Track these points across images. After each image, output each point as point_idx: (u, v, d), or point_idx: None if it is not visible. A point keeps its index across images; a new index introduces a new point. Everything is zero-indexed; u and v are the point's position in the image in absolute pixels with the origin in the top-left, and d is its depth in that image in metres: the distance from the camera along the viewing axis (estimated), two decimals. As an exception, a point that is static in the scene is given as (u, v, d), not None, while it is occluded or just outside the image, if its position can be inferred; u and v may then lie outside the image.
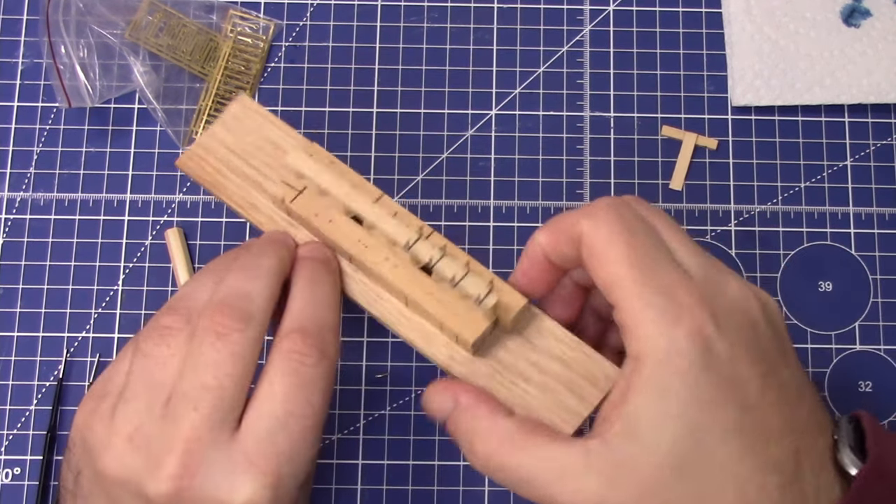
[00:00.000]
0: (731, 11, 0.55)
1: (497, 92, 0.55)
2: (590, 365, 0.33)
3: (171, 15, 0.55)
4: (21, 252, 0.52)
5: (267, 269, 0.34)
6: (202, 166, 0.38)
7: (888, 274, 0.53)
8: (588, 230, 0.32)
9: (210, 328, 0.32)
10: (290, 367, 0.32)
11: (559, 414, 0.32)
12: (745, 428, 0.30)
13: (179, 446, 0.30)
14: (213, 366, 0.31)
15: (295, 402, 0.31)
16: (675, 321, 0.30)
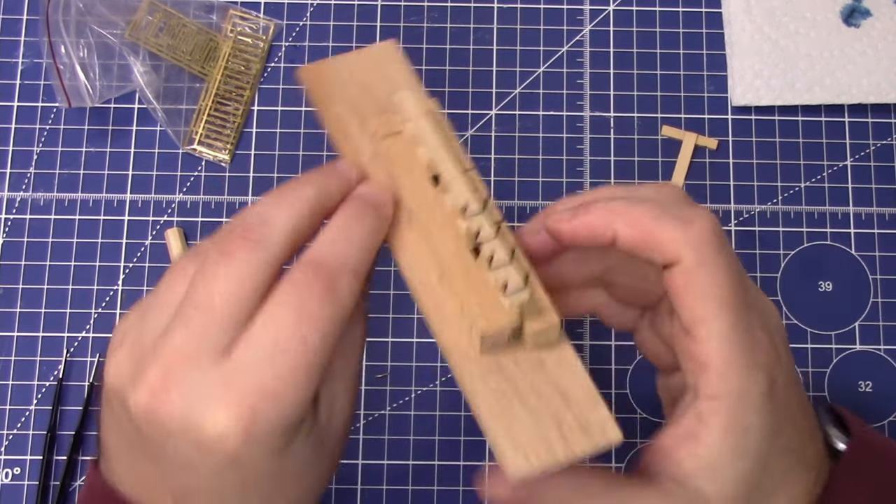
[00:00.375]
0: (731, 11, 0.55)
1: (497, 92, 0.55)
2: (592, 415, 0.29)
3: (171, 15, 0.55)
4: (21, 252, 0.52)
5: (299, 196, 0.32)
6: (321, 80, 0.36)
7: (888, 274, 0.53)
8: (692, 261, 0.30)
9: (220, 248, 0.30)
10: (292, 300, 0.29)
11: (534, 447, 0.29)
12: (794, 443, 0.32)
13: (162, 360, 0.29)
14: (209, 283, 0.30)
15: (288, 337, 0.29)
16: (755, 361, 0.30)
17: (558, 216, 0.32)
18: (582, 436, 0.29)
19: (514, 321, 0.30)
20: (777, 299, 0.52)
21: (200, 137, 0.54)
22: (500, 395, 0.30)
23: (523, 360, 0.31)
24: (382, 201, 0.33)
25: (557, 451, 0.28)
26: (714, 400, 0.30)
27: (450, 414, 0.51)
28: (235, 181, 0.53)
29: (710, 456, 0.30)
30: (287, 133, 0.54)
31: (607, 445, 0.28)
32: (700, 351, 0.30)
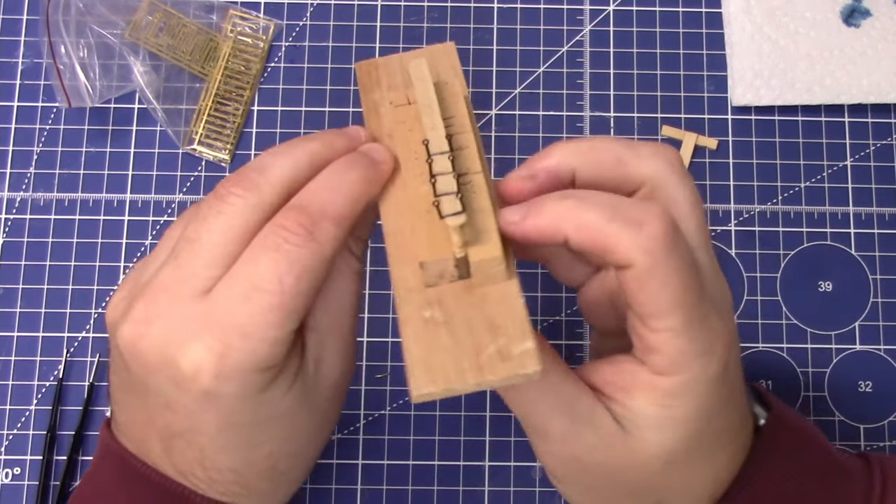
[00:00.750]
0: (731, 11, 0.55)
1: (497, 92, 0.55)
2: (517, 347, 0.29)
3: (171, 15, 0.55)
4: (21, 252, 0.52)
5: (300, 147, 0.32)
6: (370, 72, 0.37)
7: (888, 274, 0.53)
8: (644, 266, 0.29)
9: (215, 193, 0.31)
10: (271, 241, 0.30)
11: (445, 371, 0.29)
12: (732, 424, 0.34)
13: (149, 294, 0.30)
14: (200, 222, 0.31)
15: (263, 276, 0.29)
16: (709, 350, 0.31)
17: (507, 220, 0.31)
18: (499, 363, 0.29)
19: (456, 249, 0.30)
20: (777, 299, 0.52)
21: (200, 137, 0.54)
22: (430, 324, 0.30)
23: (465, 295, 0.31)
24: (380, 157, 0.33)
25: (467, 377, 0.29)
26: (659, 375, 0.31)
27: (450, 414, 0.51)
28: (235, 181, 0.53)
29: (638, 412, 0.31)
30: (287, 133, 0.54)
31: (525, 375, 0.28)
32: (652, 338, 0.31)
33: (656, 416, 0.31)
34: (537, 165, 0.33)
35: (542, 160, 0.33)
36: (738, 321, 0.52)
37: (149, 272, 0.32)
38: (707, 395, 0.31)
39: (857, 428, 0.51)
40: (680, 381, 0.31)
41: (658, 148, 0.33)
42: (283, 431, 0.33)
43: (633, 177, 0.33)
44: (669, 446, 0.32)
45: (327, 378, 0.33)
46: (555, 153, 0.33)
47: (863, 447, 0.51)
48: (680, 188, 0.32)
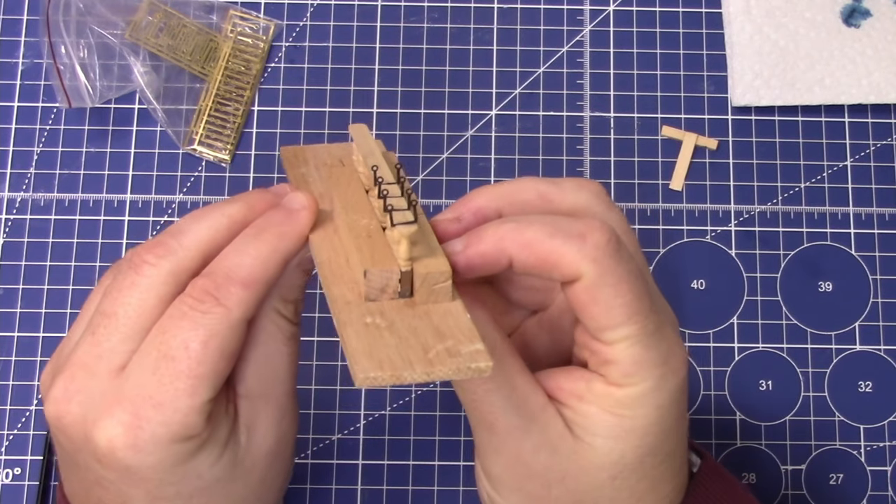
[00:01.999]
0: (731, 11, 0.55)
1: (497, 92, 0.55)
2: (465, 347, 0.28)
3: (171, 15, 0.55)
4: (21, 252, 0.52)
5: (219, 210, 0.32)
6: (297, 154, 0.37)
7: (888, 274, 0.53)
8: (592, 276, 0.29)
9: (130, 260, 0.31)
10: (179, 310, 0.29)
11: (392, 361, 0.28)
12: (678, 451, 0.33)
13: (67, 370, 0.30)
14: (115, 295, 0.30)
15: (171, 345, 0.29)
16: (665, 363, 0.31)
17: (449, 252, 0.31)
18: (448, 358, 0.28)
19: (402, 261, 0.29)
20: (777, 299, 0.52)
21: (200, 138, 0.54)
22: (372, 327, 0.29)
23: (408, 310, 0.30)
24: (298, 204, 0.32)
25: (416, 366, 0.27)
26: (615, 385, 0.31)
27: (450, 414, 0.51)
28: (235, 181, 0.53)
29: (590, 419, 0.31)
30: (287, 133, 0.54)
31: (476, 369, 0.28)
32: (607, 351, 0.30)
33: (609, 423, 0.31)
34: (462, 208, 0.33)
35: (467, 203, 0.33)
36: (738, 321, 0.52)
37: (69, 343, 0.32)
38: (661, 409, 0.31)
39: (857, 428, 0.51)
40: (636, 391, 0.30)
41: (582, 182, 0.33)
42: (216, 501, 0.32)
43: (558, 212, 0.32)
44: (618, 457, 0.31)
45: (261, 447, 0.33)
46: (479, 197, 0.33)
47: (863, 447, 0.51)
48: (609, 216, 0.33)
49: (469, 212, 0.32)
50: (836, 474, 0.51)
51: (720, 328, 0.52)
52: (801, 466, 0.51)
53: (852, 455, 0.51)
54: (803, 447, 0.51)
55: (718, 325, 0.52)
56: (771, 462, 0.51)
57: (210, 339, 0.29)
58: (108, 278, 0.32)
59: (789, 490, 0.51)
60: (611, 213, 0.33)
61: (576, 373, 0.32)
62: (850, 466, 0.51)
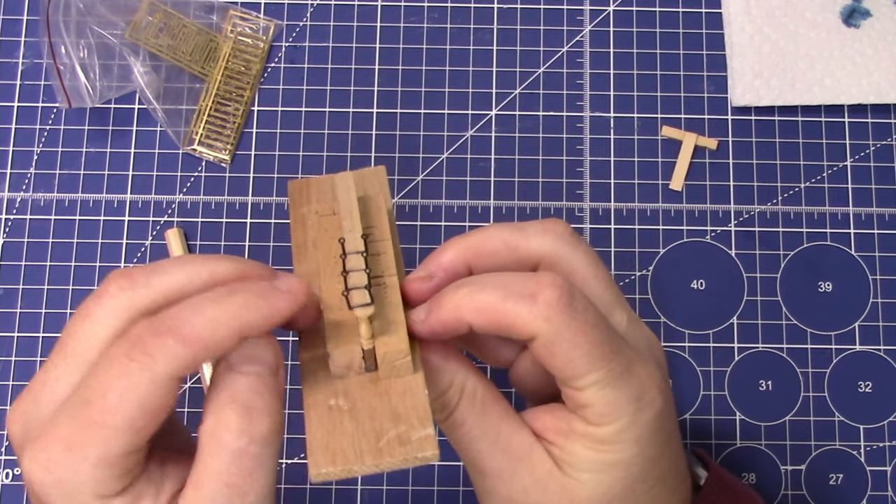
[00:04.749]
0: (731, 12, 0.55)
1: (497, 92, 0.55)
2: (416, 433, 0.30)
3: (171, 15, 0.55)
4: (21, 252, 0.52)
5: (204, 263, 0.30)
6: (301, 189, 0.38)
7: (888, 274, 0.53)
8: (547, 334, 0.30)
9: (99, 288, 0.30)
10: (112, 351, 0.28)
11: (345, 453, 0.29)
12: (669, 474, 0.34)
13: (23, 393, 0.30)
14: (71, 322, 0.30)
15: (92, 390, 0.27)
16: (637, 398, 0.31)
17: (413, 321, 0.32)
18: (398, 447, 0.29)
19: (363, 340, 0.31)
20: (777, 299, 0.52)
21: (200, 138, 0.54)
22: (334, 410, 0.30)
23: (371, 386, 0.31)
24: (286, 287, 0.30)
25: (366, 459, 0.29)
26: (590, 426, 0.31)
27: (450, 414, 0.51)
28: (235, 181, 0.53)
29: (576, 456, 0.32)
30: (287, 133, 0.54)
31: (422, 458, 0.29)
32: (580, 397, 0.31)
33: (593, 459, 0.32)
34: (432, 265, 0.33)
35: (437, 258, 0.34)
36: (738, 321, 0.52)
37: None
38: (640, 440, 0.32)
39: (857, 428, 0.51)
40: (613, 429, 0.31)
41: (545, 224, 0.34)
42: None
43: (526, 258, 0.33)
44: (607, 489, 0.32)
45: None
46: (448, 251, 0.34)
47: (863, 448, 0.51)
48: (575, 256, 0.33)
49: (440, 268, 0.33)
50: (836, 474, 0.51)
51: (720, 328, 0.52)
52: (801, 467, 0.51)
53: (852, 455, 0.51)
54: (803, 447, 0.51)
55: (718, 325, 0.52)
56: (771, 462, 0.51)
57: (129, 391, 0.27)
58: (112, 295, 0.31)
59: (789, 490, 0.51)
60: (575, 254, 0.33)
61: (558, 411, 0.33)
62: (850, 466, 0.51)
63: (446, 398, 0.33)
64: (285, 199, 0.53)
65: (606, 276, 0.34)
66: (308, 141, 0.54)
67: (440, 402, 0.33)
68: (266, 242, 0.53)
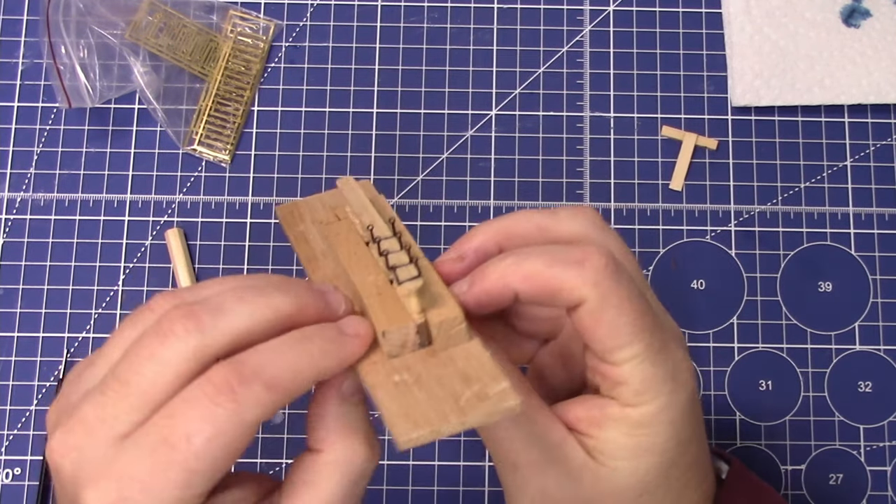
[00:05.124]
0: (731, 12, 0.55)
1: (497, 92, 0.55)
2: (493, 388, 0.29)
3: (171, 15, 0.55)
4: (21, 252, 0.52)
5: (266, 300, 0.30)
6: (292, 212, 0.38)
7: (888, 274, 0.53)
8: (595, 299, 0.30)
9: (159, 324, 0.29)
10: (193, 395, 0.28)
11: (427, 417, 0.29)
12: (699, 460, 0.34)
13: (69, 423, 0.29)
14: (132, 360, 0.29)
15: (174, 431, 0.27)
16: (674, 377, 0.31)
17: (457, 291, 0.32)
18: (478, 403, 0.29)
19: (415, 315, 0.30)
20: (777, 299, 0.52)
21: (200, 138, 0.54)
22: (401, 385, 0.30)
23: (431, 359, 0.31)
24: (352, 331, 0.31)
25: (450, 418, 0.28)
26: (626, 407, 0.31)
27: (450, 414, 0.51)
28: (235, 181, 0.53)
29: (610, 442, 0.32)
30: (287, 133, 0.54)
31: (506, 409, 0.29)
32: (616, 372, 0.31)
33: (628, 446, 0.32)
34: (463, 247, 0.34)
35: (468, 242, 0.34)
36: (738, 321, 0.52)
37: (82, 388, 0.31)
38: (677, 423, 0.32)
39: (857, 428, 0.51)
40: (649, 410, 0.31)
41: (577, 210, 0.34)
42: None
43: (556, 241, 0.33)
44: (642, 476, 0.32)
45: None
46: (479, 234, 0.34)
47: (863, 447, 0.51)
48: (606, 241, 0.33)
49: (470, 250, 0.33)
50: (836, 474, 0.51)
51: (720, 328, 0.52)
52: (801, 466, 0.51)
53: (852, 455, 0.51)
54: (803, 447, 0.51)
55: (718, 325, 0.52)
56: (771, 462, 0.51)
57: (217, 435, 0.27)
58: (128, 328, 0.31)
59: (789, 490, 0.51)
60: (607, 238, 0.34)
61: (590, 401, 0.33)
62: (850, 466, 0.51)
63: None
64: (286, 200, 0.53)
65: (635, 263, 0.34)
66: (308, 141, 0.54)
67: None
68: (266, 242, 0.53)
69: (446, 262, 0.33)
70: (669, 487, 0.33)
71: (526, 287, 0.31)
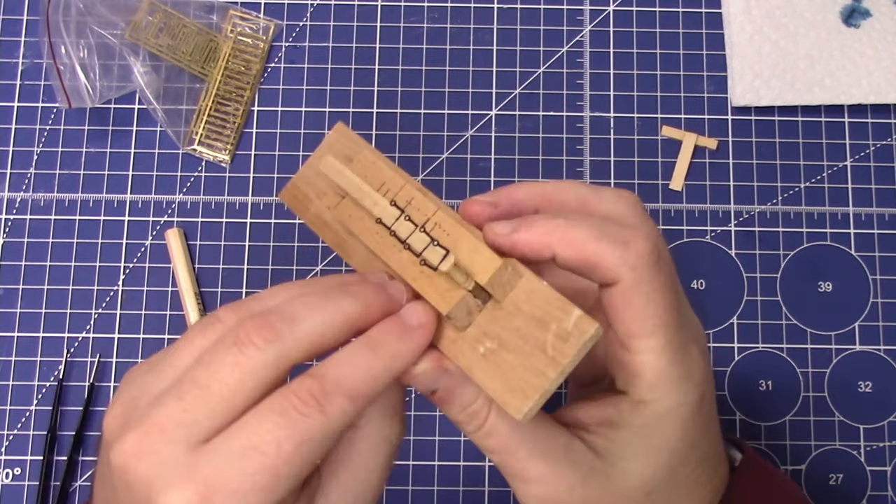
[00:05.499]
0: (731, 12, 0.55)
1: (497, 92, 0.55)
2: (567, 322, 0.30)
3: (171, 15, 0.55)
4: (21, 252, 0.52)
5: (335, 305, 0.31)
6: (295, 193, 0.38)
7: (888, 274, 0.53)
8: (630, 282, 0.31)
9: (236, 334, 0.30)
10: (279, 404, 0.29)
11: (528, 381, 0.30)
12: (708, 457, 0.34)
13: (145, 427, 0.29)
14: (213, 367, 0.30)
15: (264, 438, 0.29)
16: (688, 377, 0.32)
17: (497, 232, 0.32)
18: (564, 345, 0.30)
19: (463, 284, 0.31)
20: (777, 299, 0.52)
21: (200, 138, 0.54)
22: (489, 355, 0.31)
23: (499, 313, 0.31)
24: (417, 321, 0.32)
25: (549, 373, 0.29)
26: (639, 403, 0.32)
27: (450, 414, 0.51)
28: (235, 181, 0.53)
29: (622, 442, 0.32)
30: (287, 133, 0.54)
31: (590, 338, 0.29)
32: (633, 361, 0.31)
33: (639, 444, 0.32)
34: (501, 196, 0.34)
35: (508, 192, 0.34)
36: (738, 321, 0.52)
37: (147, 389, 0.31)
38: (687, 423, 0.32)
39: (857, 428, 0.51)
40: (660, 408, 0.32)
41: (621, 192, 0.34)
42: None
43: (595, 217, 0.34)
44: (651, 475, 0.32)
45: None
46: (520, 189, 0.34)
47: (863, 447, 0.51)
48: (645, 227, 0.33)
49: (508, 201, 0.34)
50: (836, 474, 0.51)
51: (720, 328, 0.52)
52: (801, 466, 0.51)
53: (852, 455, 0.51)
54: (803, 447, 0.51)
55: (718, 325, 0.52)
56: (771, 462, 0.51)
57: (304, 443, 0.29)
58: (198, 337, 0.31)
59: (789, 490, 0.51)
60: (645, 226, 0.34)
61: (603, 400, 0.33)
62: (850, 466, 0.51)
63: (474, 409, 0.33)
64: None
65: (670, 257, 0.34)
66: (308, 141, 0.54)
67: (469, 414, 0.33)
68: (266, 242, 0.53)
69: (478, 202, 0.34)
70: (678, 485, 0.33)
71: (568, 252, 0.31)
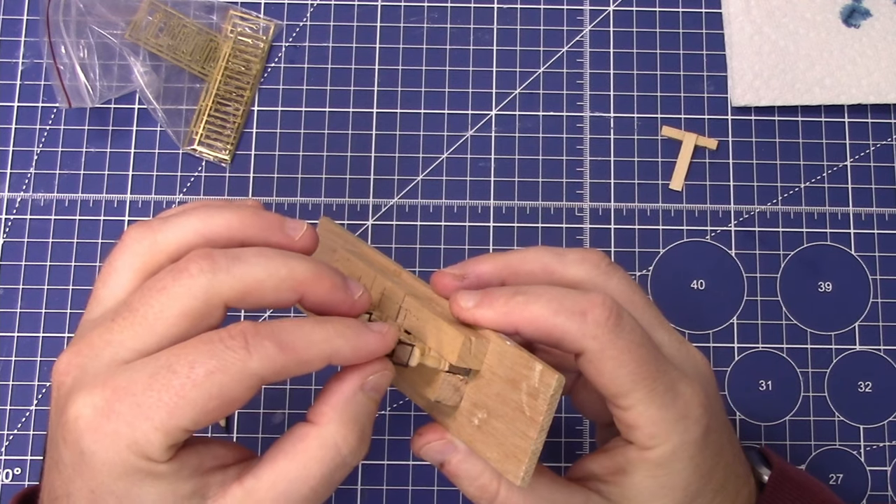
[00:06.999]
0: (731, 12, 0.55)
1: (497, 92, 0.55)
2: (532, 378, 0.31)
3: (171, 15, 0.55)
4: (21, 252, 0.52)
5: (285, 262, 0.30)
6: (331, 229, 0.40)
7: (888, 274, 0.53)
8: (594, 351, 0.32)
9: (178, 262, 0.30)
10: (207, 336, 0.29)
11: (517, 444, 0.31)
12: (728, 482, 0.35)
13: (75, 346, 0.30)
14: (145, 292, 0.30)
15: (179, 359, 0.28)
16: (684, 416, 0.33)
17: (461, 306, 0.33)
18: (536, 402, 0.31)
19: (439, 368, 0.32)
20: (777, 299, 0.52)
21: (200, 138, 0.54)
22: (483, 425, 0.33)
23: (480, 382, 0.33)
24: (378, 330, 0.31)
25: (531, 434, 0.31)
26: (644, 450, 0.33)
27: (450, 414, 0.51)
28: (235, 181, 0.53)
29: (636, 486, 0.33)
30: (287, 133, 0.54)
31: (555, 392, 0.31)
32: (626, 416, 0.32)
33: (652, 487, 0.33)
34: (469, 269, 0.35)
35: (475, 265, 0.35)
36: (737, 321, 0.52)
37: (88, 323, 0.31)
38: (696, 458, 0.33)
39: (857, 428, 0.51)
40: (665, 450, 0.32)
41: (585, 254, 0.35)
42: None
43: (560, 284, 0.35)
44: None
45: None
46: (486, 262, 0.35)
47: (863, 447, 0.51)
48: (609, 285, 0.35)
49: (475, 274, 0.35)
50: (836, 474, 0.51)
51: (720, 328, 0.52)
52: (801, 467, 0.51)
53: (852, 455, 0.51)
54: (803, 447, 0.51)
55: (718, 325, 0.52)
56: (771, 462, 0.51)
57: (218, 372, 0.28)
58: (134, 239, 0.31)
59: (789, 490, 0.51)
60: (610, 282, 0.35)
61: (613, 450, 0.34)
62: (850, 466, 0.51)
63: (482, 483, 0.34)
64: (286, 200, 0.53)
65: (644, 300, 0.35)
66: (308, 141, 0.54)
67: (478, 488, 0.34)
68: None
69: (447, 275, 0.35)
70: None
71: (530, 329, 0.32)
